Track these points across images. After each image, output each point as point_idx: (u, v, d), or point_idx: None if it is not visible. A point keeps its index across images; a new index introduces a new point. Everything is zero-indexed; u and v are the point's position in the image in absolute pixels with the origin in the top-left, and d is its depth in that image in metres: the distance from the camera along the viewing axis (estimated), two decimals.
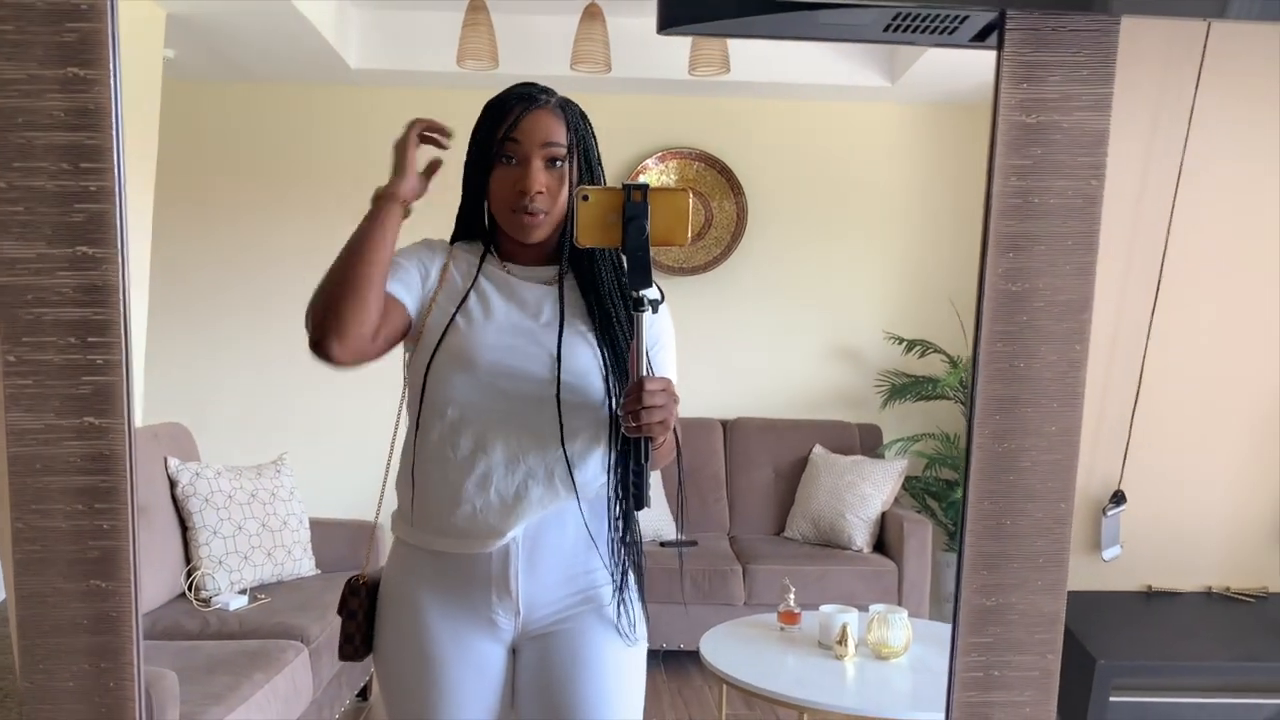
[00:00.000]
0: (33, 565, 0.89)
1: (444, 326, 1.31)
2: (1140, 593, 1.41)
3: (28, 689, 0.90)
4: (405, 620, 1.37)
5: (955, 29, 0.93)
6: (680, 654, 3.54)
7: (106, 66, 0.84)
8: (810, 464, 3.92)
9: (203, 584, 2.89)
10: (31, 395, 0.87)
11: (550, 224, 1.33)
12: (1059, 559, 0.93)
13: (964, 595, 0.93)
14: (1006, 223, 0.91)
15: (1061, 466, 0.92)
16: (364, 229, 1.28)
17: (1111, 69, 0.88)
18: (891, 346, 4.08)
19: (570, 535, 1.34)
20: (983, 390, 0.92)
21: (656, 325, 1.37)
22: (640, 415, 1.18)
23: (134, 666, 0.91)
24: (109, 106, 0.85)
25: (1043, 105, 0.90)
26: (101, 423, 0.88)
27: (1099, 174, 0.90)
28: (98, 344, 0.88)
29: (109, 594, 0.90)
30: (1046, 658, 0.94)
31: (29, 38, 0.84)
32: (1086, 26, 0.88)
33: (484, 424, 1.30)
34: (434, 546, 1.35)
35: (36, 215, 0.86)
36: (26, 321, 0.87)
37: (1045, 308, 0.91)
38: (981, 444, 0.92)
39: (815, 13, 0.90)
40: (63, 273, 0.87)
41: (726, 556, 3.69)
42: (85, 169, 0.86)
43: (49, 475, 0.88)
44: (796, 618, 2.86)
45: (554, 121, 1.34)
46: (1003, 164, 0.90)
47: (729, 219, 4.17)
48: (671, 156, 4.15)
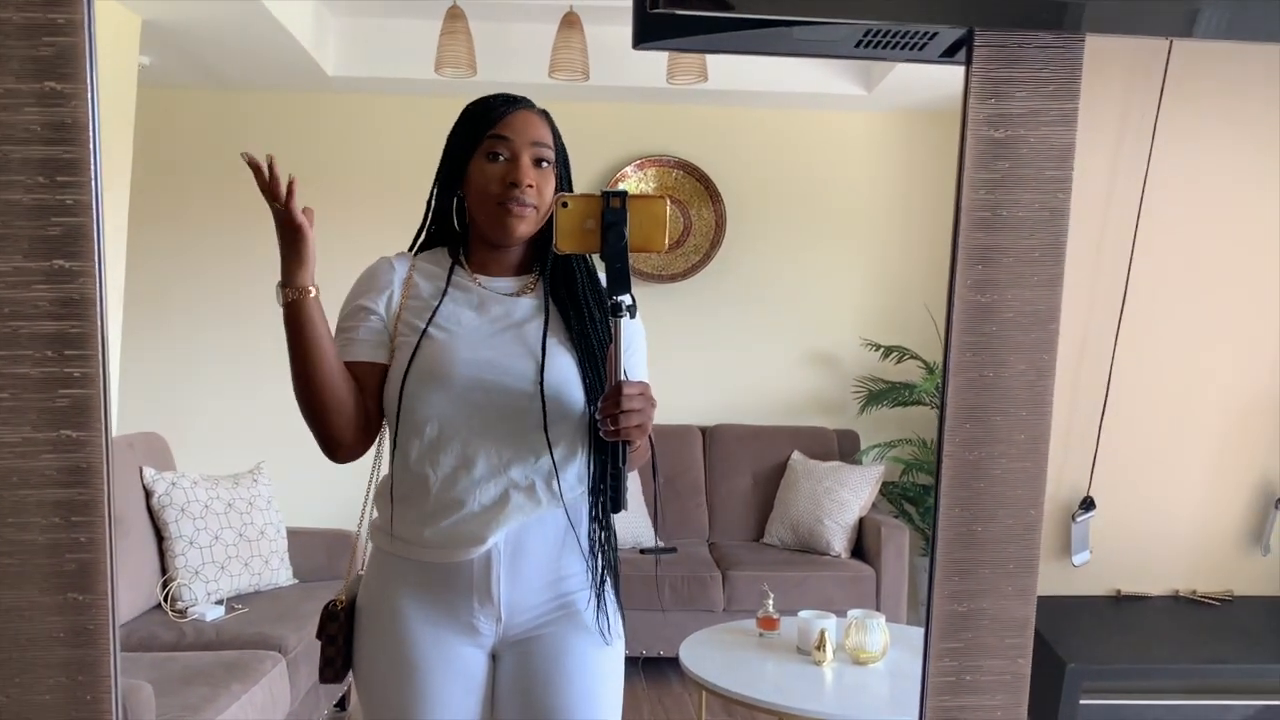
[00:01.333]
0: (9, 578, 0.88)
1: (414, 345, 1.31)
2: (1110, 597, 1.43)
3: (3, 703, 0.90)
4: (385, 627, 1.37)
5: (925, 45, 0.95)
6: (660, 661, 3.55)
7: (84, 80, 0.85)
8: (789, 470, 3.94)
9: (179, 594, 2.86)
10: (8, 408, 0.87)
11: (535, 221, 1.33)
12: (1029, 565, 0.95)
13: (935, 601, 0.95)
14: (975, 235, 0.93)
15: (1031, 474, 0.94)
16: (293, 346, 1.26)
17: (1077, 85, 0.90)
18: (868, 353, 4.11)
19: (551, 540, 1.34)
20: (953, 399, 0.93)
21: (629, 330, 1.38)
22: (619, 419, 1.19)
23: (111, 679, 0.91)
24: (86, 120, 0.85)
25: (1010, 120, 0.92)
26: (79, 435, 0.88)
27: (1065, 187, 0.92)
28: (75, 357, 0.88)
29: (86, 607, 0.90)
30: (1017, 662, 0.96)
31: (5, 52, 0.84)
32: (1052, 43, 0.90)
33: (464, 438, 1.30)
34: (414, 555, 1.34)
35: (13, 229, 0.86)
36: (3, 335, 0.87)
37: (1014, 318, 0.93)
38: (952, 452, 0.94)
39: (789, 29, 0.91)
40: (39, 286, 0.87)
41: (706, 563, 3.70)
42: (62, 182, 0.86)
43: (25, 488, 0.88)
44: (775, 624, 2.87)
45: (540, 122, 1.35)
46: (971, 177, 0.92)
47: (707, 226, 4.19)
48: (650, 164, 4.17)
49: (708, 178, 4.17)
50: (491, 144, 1.33)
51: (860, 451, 4.02)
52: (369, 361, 1.34)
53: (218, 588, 2.93)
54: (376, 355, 1.34)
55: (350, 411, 1.31)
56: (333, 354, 1.29)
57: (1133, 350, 1.28)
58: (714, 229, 4.18)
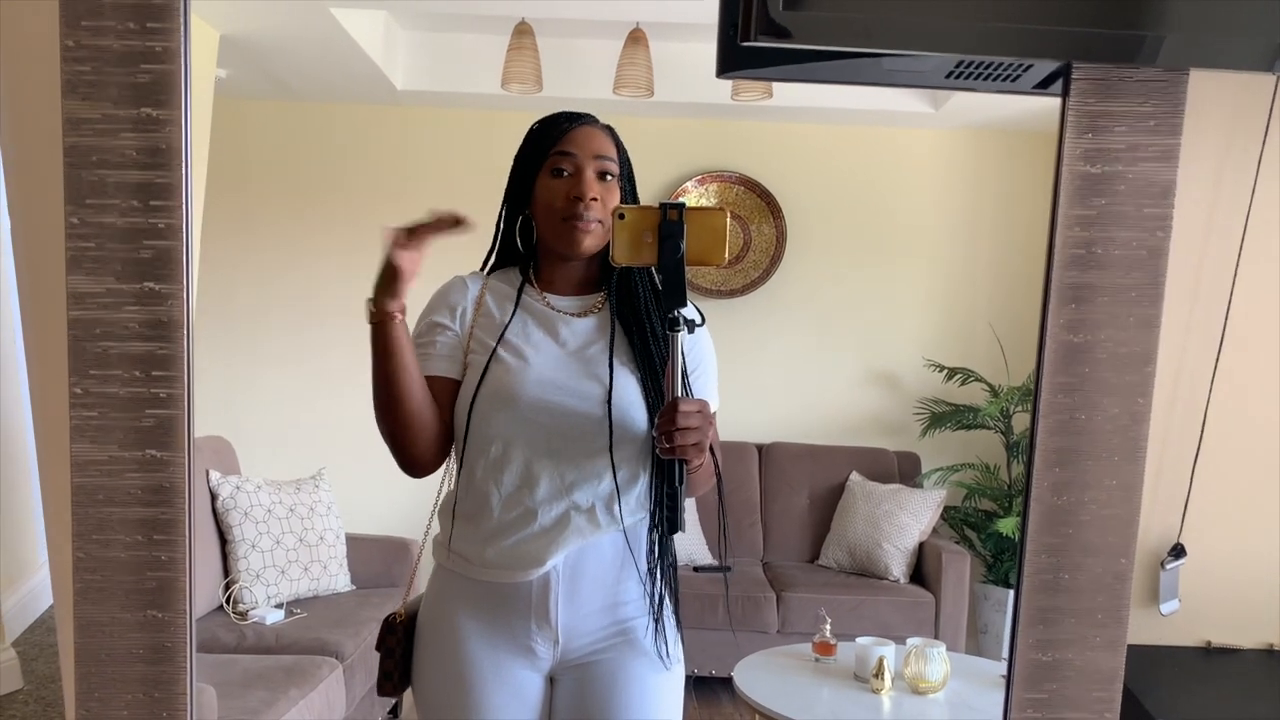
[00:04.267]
0: (91, 594, 0.90)
1: (484, 365, 1.32)
2: (1199, 649, 1.37)
3: (82, 716, 0.91)
4: (445, 646, 1.37)
5: (1018, 77, 0.92)
6: (711, 680, 3.51)
7: (179, 106, 0.86)
8: (847, 491, 3.88)
9: (240, 597, 2.91)
10: (96, 427, 0.89)
11: (601, 236, 1.33)
12: (1118, 615, 0.91)
13: (1019, 650, 0.92)
14: (1069, 273, 0.90)
15: (1122, 521, 0.91)
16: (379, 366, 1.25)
17: (1179, 120, 0.87)
18: (931, 374, 4.04)
19: (609, 563, 1.33)
20: (1042, 442, 0.90)
21: (697, 348, 1.36)
22: (674, 437, 1.17)
23: (187, 697, 0.92)
24: (179, 145, 0.87)
25: (1107, 155, 0.89)
26: (163, 455, 0.89)
27: (1165, 225, 0.89)
28: (161, 378, 0.89)
29: (165, 624, 0.91)
30: (1104, 716, 0.92)
31: (104, 78, 0.86)
32: (1154, 78, 0.87)
33: (527, 458, 1.30)
34: (475, 575, 1.34)
35: (106, 251, 0.88)
36: (94, 355, 0.88)
37: (1107, 360, 0.90)
38: (1040, 496, 0.91)
39: (878, 60, 0.89)
40: (130, 307, 0.89)
41: (760, 583, 3.66)
42: (155, 206, 0.88)
43: (110, 506, 0.90)
44: (832, 649, 2.83)
45: (604, 137, 1.35)
46: (1066, 214, 0.89)
47: (768, 242, 4.16)
48: (711, 179, 4.15)
49: (769, 193, 4.14)
50: (556, 160, 1.33)
51: (921, 475, 3.95)
52: (445, 376, 1.34)
53: (278, 591, 2.98)
54: (452, 370, 1.35)
55: (432, 432, 1.32)
56: (418, 377, 1.29)
57: (1229, 392, 1.23)
58: (774, 245, 4.15)
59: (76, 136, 0.87)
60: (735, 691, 2.65)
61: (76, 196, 0.87)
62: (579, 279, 1.38)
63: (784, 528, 3.96)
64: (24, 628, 3.44)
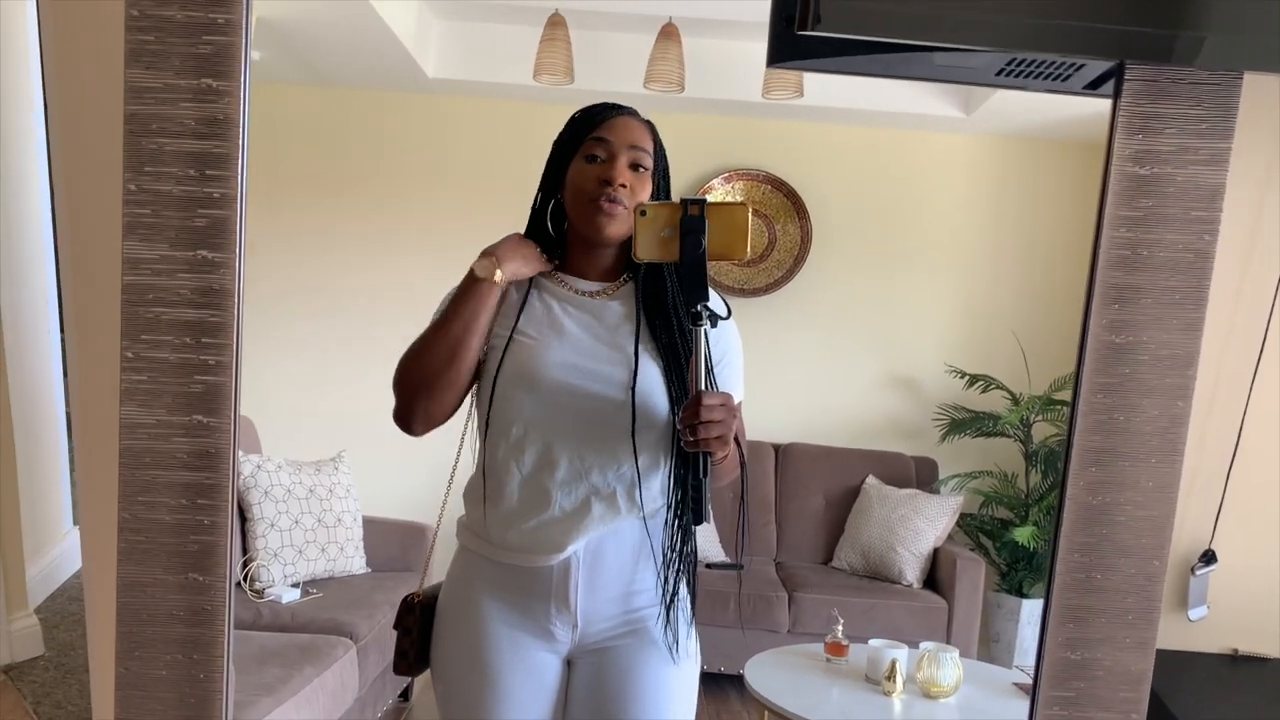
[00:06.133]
0: (135, 555, 0.91)
1: (506, 346, 1.32)
2: (1225, 656, 1.37)
3: (122, 674, 0.93)
4: (465, 625, 1.38)
5: (1069, 76, 0.92)
6: (720, 677, 3.52)
7: (238, 79, 0.87)
8: (863, 494, 3.88)
9: (258, 575, 2.94)
10: (146, 391, 0.90)
11: (627, 220, 1.32)
12: (1149, 617, 0.91)
13: (1048, 647, 0.92)
14: (1113, 274, 0.90)
15: (1157, 523, 0.91)
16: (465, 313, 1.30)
17: (1232, 123, 0.87)
18: (952, 380, 4.02)
19: (630, 551, 1.34)
20: (1080, 441, 0.91)
21: (723, 342, 1.36)
22: (698, 430, 1.18)
23: (224, 659, 0.93)
24: (237, 117, 0.88)
25: (1157, 157, 0.89)
26: (210, 421, 0.91)
27: (1212, 229, 0.89)
28: (211, 345, 0.91)
29: (205, 588, 0.92)
30: (1131, 717, 0.92)
31: (167, 48, 0.87)
32: (1208, 79, 0.87)
33: (548, 441, 1.31)
34: (497, 557, 1.35)
35: (162, 218, 0.89)
36: (146, 320, 0.90)
37: (1149, 361, 0.90)
38: (1075, 495, 0.91)
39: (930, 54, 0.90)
40: (183, 274, 0.90)
41: (772, 582, 3.66)
42: (210, 176, 0.89)
43: (156, 469, 0.91)
44: (844, 650, 2.82)
45: (642, 129, 1.36)
46: (1112, 214, 0.89)
47: (793, 242, 4.16)
48: (738, 177, 4.15)
49: (795, 193, 4.14)
50: (590, 146, 1.34)
51: (939, 480, 3.94)
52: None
53: (294, 571, 3.00)
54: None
55: (461, 393, 1.34)
56: (481, 342, 1.32)
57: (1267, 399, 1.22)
58: (799, 245, 4.14)
59: (138, 105, 0.88)
60: (745, 689, 2.66)
61: (135, 164, 0.88)
62: (606, 266, 1.38)
63: (798, 528, 3.95)
64: (46, 595, 3.48)
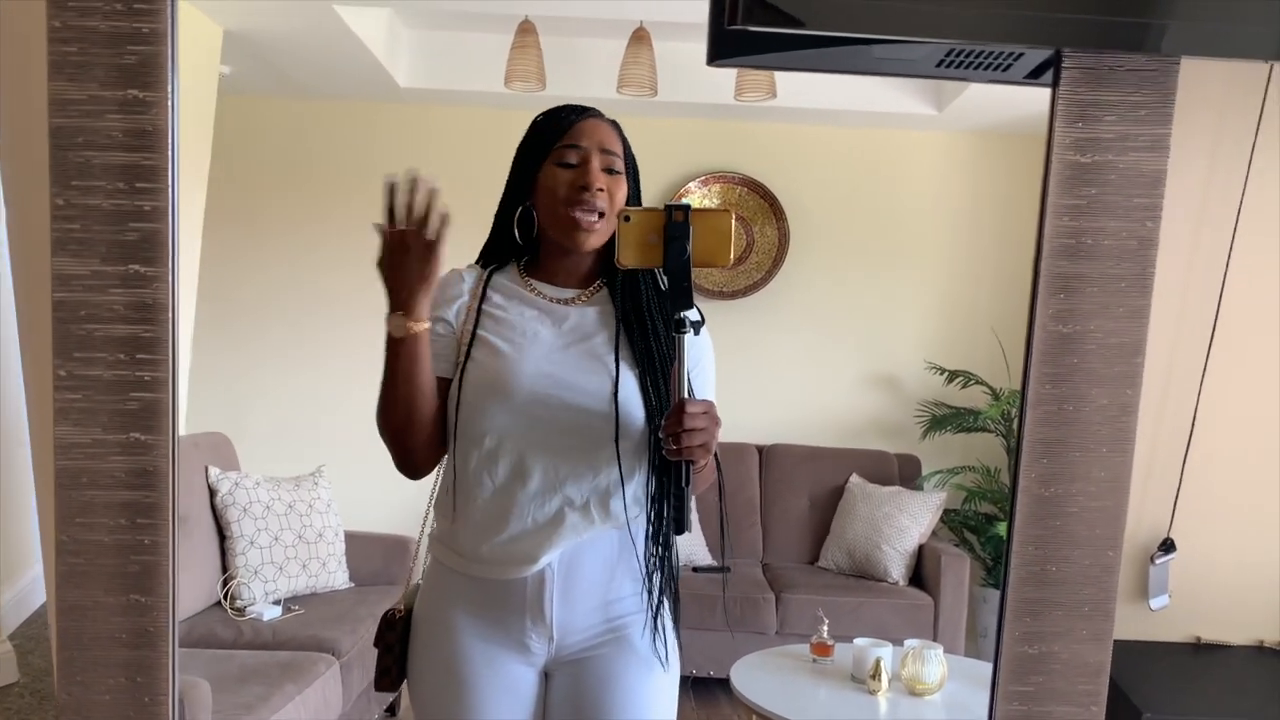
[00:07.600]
0: (75, 578, 0.90)
1: (479, 357, 1.31)
2: (1188, 645, 1.36)
3: (65, 700, 0.91)
4: (439, 640, 1.36)
5: (1009, 66, 0.91)
6: (709, 681, 3.50)
7: (165, 89, 0.86)
8: (847, 493, 3.87)
9: (238, 593, 2.91)
10: (80, 410, 0.89)
11: (605, 231, 1.31)
12: (1105, 609, 0.90)
13: (1005, 642, 0.91)
14: (1058, 263, 0.89)
15: (1110, 513, 0.90)
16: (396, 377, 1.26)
17: (1170, 110, 0.86)
18: (932, 377, 4.03)
19: (605, 562, 1.32)
20: (1030, 433, 0.90)
21: (697, 347, 1.35)
22: (681, 438, 1.17)
23: (169, 682, 0.91)
24: (166, 128, 0.87)
25: (1097, 145, 0.88)
26: (147, 439, 0.89)
27: (1155, 216, 0.88)
28: (146, 361, 0.89)
29: (148, 609, 0.90)
30: (1090, 709, 0.91)
31: (91, 59, 0.86)
32: (1145, 66, 0.86)
33: (522, 451, 1.29)
34: (470, 570, 1.33)
35: (92, 233, 0.88)
36: (78, 337, 0.88)
37: (1096, 350, 0.89)
38: (1027, 488, 0.90)
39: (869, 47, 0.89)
40: (115, 290, 0.88)
41: (759, 584, 3.65)
42: (140, 189, 0.87)
43: (94, 489, 0.89)
44: (829, 650, 2.81)
45: (611, 132, 1.34)
46: (1055, 203, 0.89)
47: (770, 244, 4.15)
48: (715, 180, 4.15)
49: (772, 195, 4.14)
50: (562, 153, 1.32)
51: (921, 477, 3.93)
52: (442, 377, 1.33)
53: (276, 588, 2.98)
54: (448, 370, 1.34)
55: (436, 434, 1.32)
56: (434, 383, 1.30)
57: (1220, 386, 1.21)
58: (777, 247, 4.14)
59: (63, 118, 0.86)
60: (731, 692, 2.64)
61: (62, 178, 0.87)
62: (580, 272, 1.37)
63: (784, 529, 3.95)
64: (20, 621, 3.45)
